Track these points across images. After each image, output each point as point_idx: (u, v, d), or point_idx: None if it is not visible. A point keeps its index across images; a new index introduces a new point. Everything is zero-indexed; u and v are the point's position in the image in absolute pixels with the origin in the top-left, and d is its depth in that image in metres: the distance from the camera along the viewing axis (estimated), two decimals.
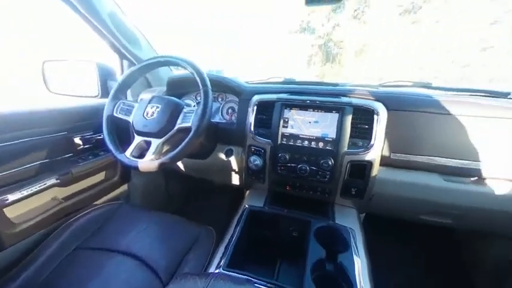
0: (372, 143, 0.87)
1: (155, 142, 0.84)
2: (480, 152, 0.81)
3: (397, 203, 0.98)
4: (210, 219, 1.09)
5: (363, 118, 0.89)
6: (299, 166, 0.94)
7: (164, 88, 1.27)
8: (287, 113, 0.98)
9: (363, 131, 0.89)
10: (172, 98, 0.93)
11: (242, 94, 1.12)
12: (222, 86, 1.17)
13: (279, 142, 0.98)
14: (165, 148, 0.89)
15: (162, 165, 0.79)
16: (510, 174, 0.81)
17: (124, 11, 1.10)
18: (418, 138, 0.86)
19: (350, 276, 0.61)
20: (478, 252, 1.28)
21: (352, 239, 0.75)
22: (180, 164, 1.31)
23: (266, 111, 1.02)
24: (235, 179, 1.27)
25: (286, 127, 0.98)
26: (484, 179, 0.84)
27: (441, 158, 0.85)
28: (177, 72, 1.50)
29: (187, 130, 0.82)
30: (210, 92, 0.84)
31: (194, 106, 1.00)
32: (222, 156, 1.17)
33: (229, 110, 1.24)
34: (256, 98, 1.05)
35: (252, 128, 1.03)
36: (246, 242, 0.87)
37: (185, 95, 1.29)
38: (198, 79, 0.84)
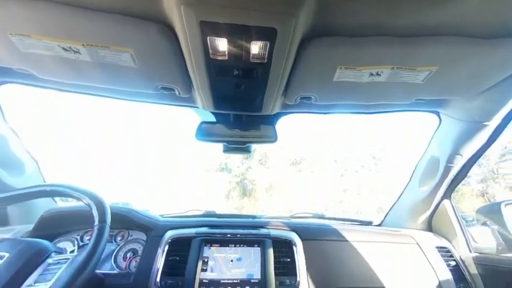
0: (298, 279, 0.83)
1: None
2: (380, 276, 0.93)
3: None
4: None
5: (284, 251, 0.90)
6: None
7: (29, 227, 0.90)
8: (207, 251, 0.85)
9: (286, 265, 0.86)
10: (36, 240, 0.65)
11: (153, 230, 0.94)
12: (126, 222, 0.96)
13: None
14: None
15: None
16: None
17: (17, 132, 0.96)
18: (334, 267, 0.93)
19: None
20: None
21: None
22: None
23: (181, 250, 0.85)
24: None
25: (206, 270, 0.81)
26: None
27: (359, 287, 0.88)
28: (64, 204, 1.18)
29: None
30: (107, 230, 0.65)
31: (71, 252, 0.71)
32: None
33: (129, 254, 0.94)
34: (169, 234, 0.89)
35: (158, 278, 0.77)
36: None
37: (62, 236, 0.94)
38: (95, 213, 0.67)
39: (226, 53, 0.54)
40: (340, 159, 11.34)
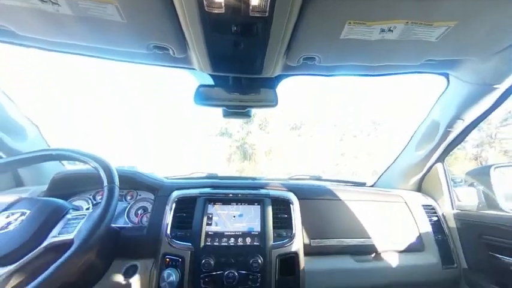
0: (293, 232, 0.92)
1: None
2: (367, 229, 1.03)
3: None
4: None
5: (282, 208, 0.97)
6: (226, 273, 0.80)
7: (43, 187, 0.96)
8: (211, 209, 0.92)
9: (284, 220, 0.95)
10: (52, 199, 0.70)
11: (160, 190, 1.01)
12: (133, 183, 1.02)
13: (202, 244, 0.84)
14: (15, 281, 0.54)
15: None
16: (392, 246, 1.03)
17: (13, 98, 0.94)
18: (326, 222, 1.02)
19: None
20: None
21: None
22: None
23: (187, 208, 0.92)
24: None
25: (211, 224, 0.89)
26: (380, 253, 1.01)
27: (347, 238, 1.00)
28: (72, 167, 1.23)
29: (65, 246, 0.57)
30: (117, 190, 0.70)
31: (87, 209, 0.78)
32: (119, 278, 0.83)
33: (140, 211, 1.03)
34: (176, 193, 0.96)
35: (169, 231, 0.86)
36: None
37: (76, 195, 1.01)
38: (103, 175, 0.70)
39: (223, 4, 0.48)
40: (340, 124, 11.35)
